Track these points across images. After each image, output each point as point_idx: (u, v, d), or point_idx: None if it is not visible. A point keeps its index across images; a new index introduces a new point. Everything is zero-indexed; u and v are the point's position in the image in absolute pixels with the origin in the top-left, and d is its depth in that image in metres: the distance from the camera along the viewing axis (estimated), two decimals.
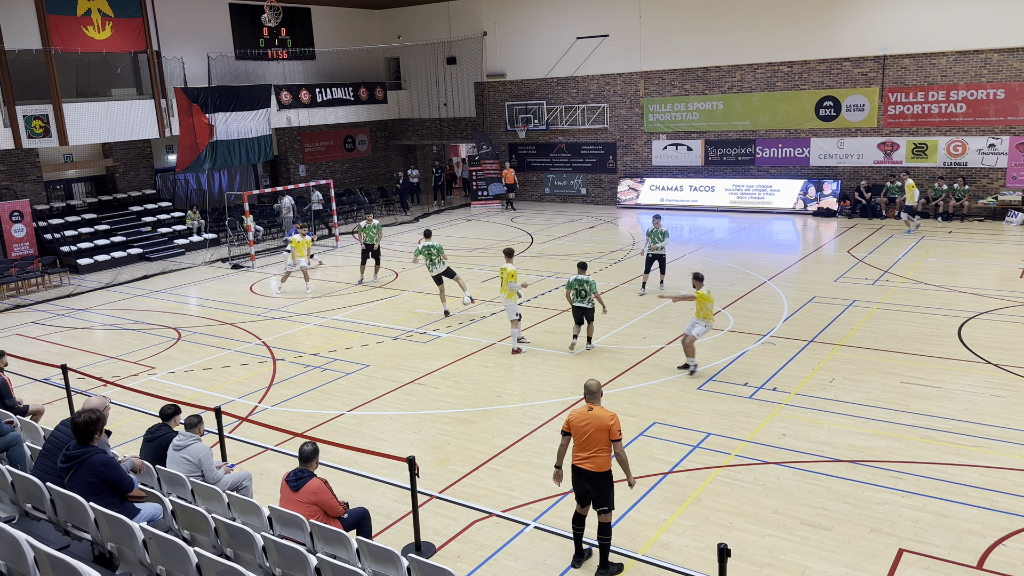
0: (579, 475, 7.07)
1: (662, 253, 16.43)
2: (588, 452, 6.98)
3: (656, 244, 16.28)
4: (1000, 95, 22.46)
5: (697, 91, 27.16)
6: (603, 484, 7.00)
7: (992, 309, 14.41)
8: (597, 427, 6.95)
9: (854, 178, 24.90)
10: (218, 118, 24.27)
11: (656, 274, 16.73)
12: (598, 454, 6.95)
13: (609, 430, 6.93)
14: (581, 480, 7.07)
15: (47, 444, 7.10)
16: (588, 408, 7.11)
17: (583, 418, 7.05)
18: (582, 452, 7.02)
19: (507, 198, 29.97)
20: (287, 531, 6.39)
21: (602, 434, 6.94)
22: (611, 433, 6.93)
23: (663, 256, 16.50)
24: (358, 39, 32.25)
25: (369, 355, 13.60)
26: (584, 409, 7.12)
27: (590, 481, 7.01)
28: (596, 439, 6.94)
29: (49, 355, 14.13)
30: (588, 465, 6.98)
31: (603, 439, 6.94)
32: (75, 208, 24.10)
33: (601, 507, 7.04)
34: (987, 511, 7.84)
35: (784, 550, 7.37)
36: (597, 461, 6.96)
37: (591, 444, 6.96)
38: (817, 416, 10.24)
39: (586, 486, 7.06)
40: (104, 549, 6.04)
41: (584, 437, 6.99)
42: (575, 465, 7.08)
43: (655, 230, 16.32)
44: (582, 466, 7.02)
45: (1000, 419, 9.91)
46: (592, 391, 7.19)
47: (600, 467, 6.96)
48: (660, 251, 16.38)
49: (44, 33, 21.01)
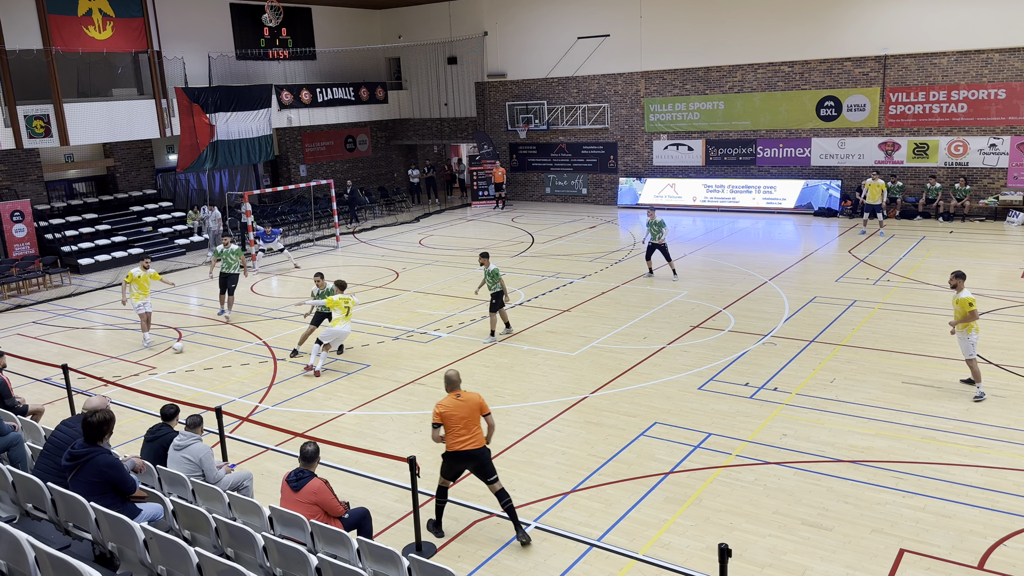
0: (463, 458, 7.57)
1: (663, 243, 17.37)
2: (469, 434, 7.54)
3: (657, 235, 17.27)
4: (1001, 95, 22.45)
5: (698, 91, 27.15)
6: (486, 457, 7.62)
7: (993, 309, 14.40)
8: (471, 408, 7.57)
9: (855, 178, 24.89)
10: (219, 118, 24.27)
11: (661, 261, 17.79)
12: (477, 432, 7.59)
13: (482, 407, 7.64)
14: (464, 462, 7.61)
15: (48, 444, 7.10)
16: (456, 395, 7.64)
17: (456, 405, 7.56)
18: (463, 436, 7.54)
19: (497, 197, 30.04)
20: (288, 531, 6.39)
21: (477, 413, 7.61)
22: (483, 408, 7.65)
23: (664, 245, 17.39)
24: (359, 39, 32.25)
25: (370, 355, 13.60)
26: (452, 397, 7.62)
27: (474, 459, 7.56)
28: (473, 419, 7.59)
29: (50, 355, 14.14)
30: (472, 445, 7.53)
31: (478, 417, 7.62)
32: (76, 208, 24.11)
33: (491, 478, 7.60)
34: (988, 511, 7.84)
35: (785, 550, 7.37)
36: (477, 439, 7.59)
37: (471, 425, 7.56)
38: (818, 416, 10.24)
39: (468, 466, 7.63)
40: (105, 549, 6.04)
41: (463, 422, 7.52)
42: (459, 451, 7.54)
43: (651, 221, 17.40)
44: (466, 448, 7.52)
45: (1001, 419, 9.90)
46: (454, 380, 7.75)
47: (481, 443, 7.61)
48: (661, 241, 17.34)
49: (45, 33, 21.02)
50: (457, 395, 7.63)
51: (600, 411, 10.74)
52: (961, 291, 10.63)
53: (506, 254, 21.09)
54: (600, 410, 10.78)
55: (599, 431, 10.11)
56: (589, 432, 10.10)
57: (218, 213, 23.88)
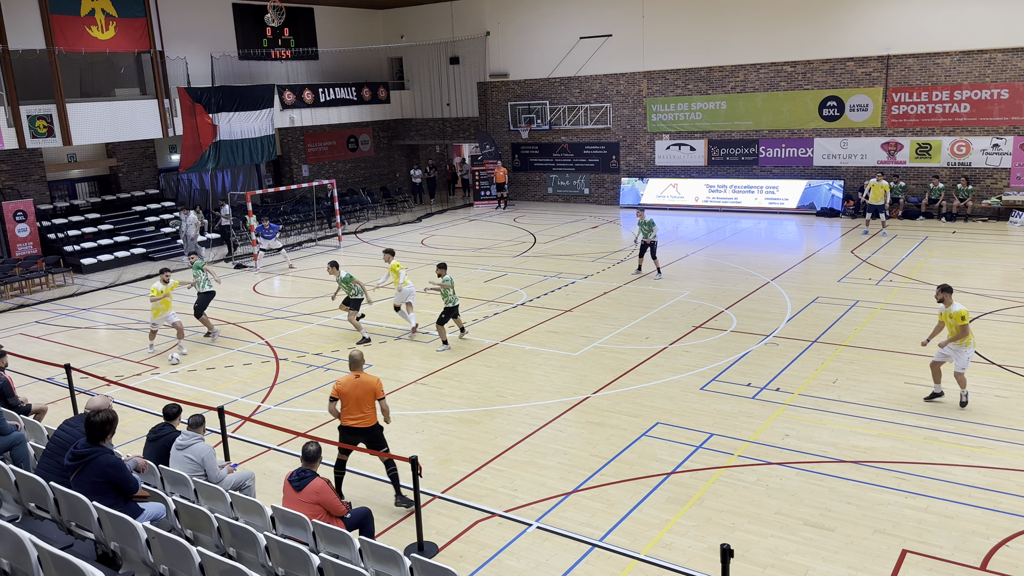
0: (351, 432, 8.26)
1: (654, 241, 17.78)
2: (360, 412, 8.18)
3: (648, 234, 17.68)
4: (1004, 95, 22.41)
5: (700, 91, 27.13)
6: (376, 435, 8.31)
7: (996, 310, 14.38)
8: (365, 390, 8.18)
9: (857, 178, 24.86)
10: (221, 118, 24.29)
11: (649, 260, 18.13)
12: (368, 412, 8.20)
13: (375, 391, 8.21)
14: (353, 436, 8.28)
15: (51, 443, 7.11)
16: (355, 376, 8.25)
17: (353, 385, 8.19)
18: (353, 413, 8.19)
19: (499, 197, 30.07)
20: (290, 531, 6.40)
21: (370, 396, 8.19)
22: (377, 393, 8.24)
23: (655, 244, 17.84)
24: (361, 39, 32.27)
25: (372, 355, 13.61)
26: (351, 377, 8.25)
27: (364, 435, 8.26)
28: (366, 400, 8.18)
29: (53, 355, 14.16)
30: (361, 424, 8.20)
31: (371, 400, 8.21)
32: (79, 208, 24.14)
33: (381, 450, 8.34)
34: (990, 512, 7.83)
35: (787, 551, 7.36)
36: (368, 418, 8.21)
37: (362, 405, 8.18)
38: (820, 416, 10.23)
39: (359, 439, 8.28)
40: (107, 548, 6.05)
41: (355, 401, 8.16)
42: (348, 425, 8.25)
43: (642, 221, 17.86)
44: (355, 424, 8.21)
45: (1003, 420, 9.89)
46: (356, 360, 8.41)
47: (370, 422, 8.24)
48: (652, 239, 17.74)
49: (48, 33, 21.04)
50: (356, 375, 8.25)
51: (602, 411, 10.74)
52: (951, 305, 10.11)
53: (508, 254, 21.09)
54: (602, 410, 10.77)
55: (601, 431, 10.11)
56: (591, 432, 10.10)
57: (195, 217, 22.24)
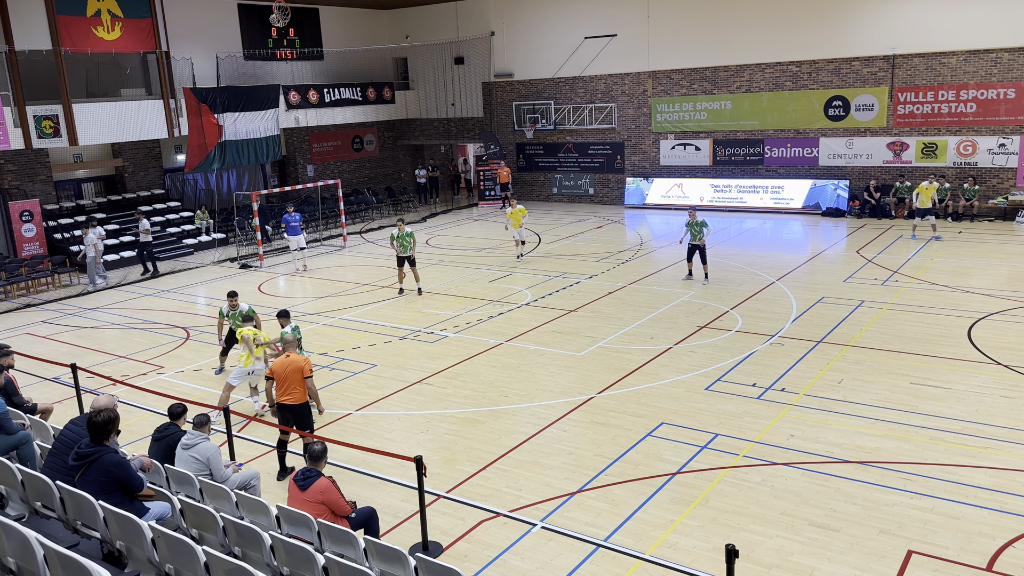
0: (283, 409, 8.98)
1: (701, 244, 17.15)
2: (289, 391, 8.87)
3: (698, 236, 17.07)
4: (1011, 95, 22.33)
5: (705, 91, 27.09)
6: (302, 412, 8.99)
7: (1002, 310, 14.33)
8: (294, 369, 8.84)
9: (863, 178, 24.80)
10: (227, 118, 24.33)
11: (698, 265, 17.47)
12: (296, 391, 8.86)
13: (302, 370, 8.86)
14: (285, 412, 8.98)
15: (57, 443, 7.13)
16: (287, 356, 8.96)
17: (283, 364, 8.89)
18: (284, 391, 8.90)
19: (504, 197, 30.11)
20: (295, 530, 6.40)
21: (298, 374, 8.81)
22: (304, 372, 8.86)
23: (703, 247, 17.20)
24: (366, 39, 32.30)
25: (376, 355, 13.62)
26: (283, 358, 8.95)
27: (292, 412, 8.94)
28: (294, 379, 8.84)
29: (59, 354, 14.20)
30: (289, 400, 8.91)
31: (299, 379, 8.83)
32: (85, 208, 24.21)
33: (304, 429, 9.01)
34: (996, 513, 7.80)
35: (792, 551, 7.35)
36: (295, 396, 8.88)
37: (291, 384, 8.84)
38: (825, 417, 10.20)
39: (289, 415, 8.97)
40: (113, 547, 6.07)
41: (286, 381, 8.85)
42: (280, 403, 8.98)
43: (692, 222, 17.16)
44: (286, 402, 8.91)
45: (1010, 420, 9.85)
46: (289, 342, 9.24)
47: (298, 400, 8.92)
48: (701, 242, 17.13)
49: (54, 34, 21.12)
50: (287, 356, 8.96)
51: (607, 411, 10.73)
52: None
53: (512, 254, 21.10)
54: (607, 410, 10.77)
55: (606, 431, 10.10)
56: (596, 432, 10.10)
57: (101, 231, 20.29)
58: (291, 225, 21.08)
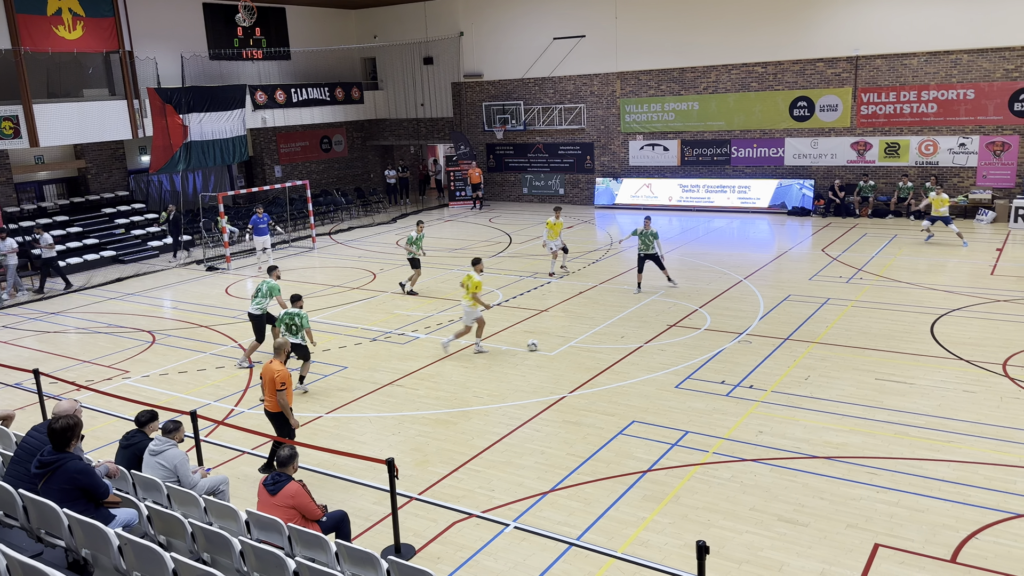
0: (266, 414, 9.27)
1: (653, 252, 16.30)
2: (266, 396, 9.13)
3: (647, 246, 16.21)
4: (970, 95, 22.81)
5: (673, 91, 27.31)
6: (278, 422, 9.16)
7: (963, 306, 14.63)
8: (270, 378, 8.99)
9: (828, 177, 25.17)
10: (192, 119, 24.03)
11: (658, 273, 16.69)
12: (271, 398, 9.05)
13: (274, 381, 8.93)
14: (267, 417, 9.28)
15: (19, 450, 6.99)
16: (271, 362, 9.11)
17: (265, 370, 9.11)
18: (264, 396, 9.20)
19: (475, 197, 30.10)
20: (265, 535, 6.34)
21: (272, 384, 8.95)
22: (275, 384, 8.93)
23: (656, 255, 16.33)
24: (334, 39, 32.08)
25: (347, 357, 13.53)
26: (267, 364, 9.11)
27: (270, 418, 9.22)
28: (269, 387, 9.03)
29: (21, 359, 13.92)
30: (268, 407, 9.15)
31: (273, 388, 8.97)
32: (47, 210, 23.73)
33: (284, 436, 9.10)
34: (960, 505, 7.97)
35: (762, 546, 7.43)
36: (270, 403, 9.08)
37: (267, 391, 9.08)
38: (793, 413, 10.34)
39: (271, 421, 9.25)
40: (78, 556, 5.96)
41: (265, 387, 9.11)
42: (264, 409, 9.25)
43: (644, 231, 16.28)
44: (266, 407, 9.19)
45: (972, 415, 10.06)
46: (276, 348, 9.33)
47: (273, 408, 9.08)
48: (651, 251, 16.27)
49: (13, 33, 20.67)
50: (271, 362, 9.08)
51: (578, 410, 10.77)
52: None
53: (484, 254, 21.07)
54: (578, 409, 10.81)
55: (577, 430, 10.14)
56: (567, 431, 10.13)
57: (13, 243, 19.16)
58: (259, 227, 20.93)
